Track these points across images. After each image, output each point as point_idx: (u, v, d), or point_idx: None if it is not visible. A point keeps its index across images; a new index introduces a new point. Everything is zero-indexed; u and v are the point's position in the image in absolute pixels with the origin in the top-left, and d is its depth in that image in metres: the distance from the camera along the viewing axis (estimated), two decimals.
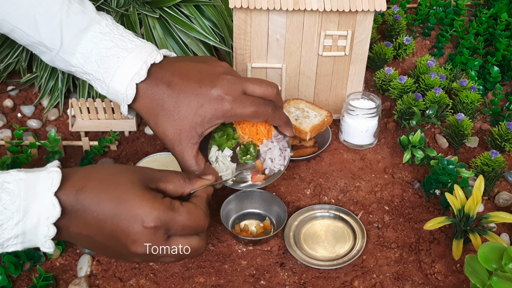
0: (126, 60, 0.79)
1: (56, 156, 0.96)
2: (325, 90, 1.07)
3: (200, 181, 0.77)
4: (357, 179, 0.99)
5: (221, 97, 0.78)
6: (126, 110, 0.81)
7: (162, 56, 0.81)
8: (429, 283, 0.83)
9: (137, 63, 0.79)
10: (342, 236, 0.90)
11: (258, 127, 0.87)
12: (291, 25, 0.98)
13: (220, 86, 0.79)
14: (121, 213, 0.66)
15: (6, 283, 0.80)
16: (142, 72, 0.79)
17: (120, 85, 0.79)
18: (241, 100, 0.79)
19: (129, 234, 0.66)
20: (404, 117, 1.07)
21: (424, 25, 1.32)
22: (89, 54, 0.80)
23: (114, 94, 0.81)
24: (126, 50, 0.80)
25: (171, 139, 0.80)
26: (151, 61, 0.80)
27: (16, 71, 1.18)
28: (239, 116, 0.80)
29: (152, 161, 0.98)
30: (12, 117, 1.13)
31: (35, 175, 0.66)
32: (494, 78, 1.15)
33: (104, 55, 0.80)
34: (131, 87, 0.79)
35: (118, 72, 0.79)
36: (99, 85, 0.82)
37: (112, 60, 0.79)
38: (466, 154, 1.05)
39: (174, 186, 0.73)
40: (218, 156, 0.86)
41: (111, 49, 0.80)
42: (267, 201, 0.92)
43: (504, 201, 0.95)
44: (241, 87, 0.80)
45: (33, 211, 0.64)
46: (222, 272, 0.84)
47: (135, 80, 0.79)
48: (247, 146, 0.87)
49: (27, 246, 0.67)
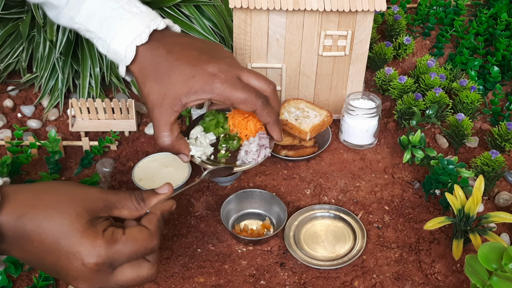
0: (129, 22, 0.79)
1: (56, 156, 0.95)
2: (325, 90, 1.07)
3: (155, 197, 0.71)
4: (357, 179, 0.99)
5: (214, 74, 0.78)
6: (124, 71, 0.81)
7: (165, 24, 0.81)
8: (429, 283, 0.83)
9: (140, 27, 0.79)
10: (342, 236, 0.90)
11: (248, 122, 0.86)
12: (291, 25, 0.98)
13: (217, 64, 0.78)
14: (61, 249, 0.62)
15: (6, 283, 0.80)
16: (144, 36, 0.79)
17: (120, 45, 0.79)
18: (233, 83, 0.78)
19: (69, 271, 0.63)
20: (404, 117, 1.07)
21: (424, 25, 1.32)
22: (93, 13, 0.80)
23: (114, 54, 0.81)
24: (131, 13, 0.80)
25: (153, 101, 0.79)
26: (153, 27, 0.79)
27: (16, 71, 1.18)
28: (226, 98, 0.78)
29: (152, 161, 0.98)
30: (12, 117, 1.13)
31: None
32: (494, 78, 1.15)
33: (109, 15, 0.80)
34: (131, 49, 0.79)
35: (120, 32, 0.79)
36: (100, 44, 0.82)
37: (115, 20, 0.79)
38: (466, 154, 1.05)
39: (129, 211, 0.69)
40: (200, 136, 0.86)
41: (116, 10, 0.80)
42: (267, 201, 0.92)
43: (504, 201, 0.95)
44: (238, 73, 0.80)
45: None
46: (222, 272, 0.84)
47: (136, 42, 0.78)
48: (232, 136, 0.87)
49: None
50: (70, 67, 1.11)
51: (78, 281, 0.63)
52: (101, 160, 1.02)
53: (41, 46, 1.10)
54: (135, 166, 0.97)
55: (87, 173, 1.00)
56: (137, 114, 1.10)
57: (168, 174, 0.95)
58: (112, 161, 1.02)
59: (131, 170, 0.98)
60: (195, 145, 0.85)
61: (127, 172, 1.00)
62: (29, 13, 1.11)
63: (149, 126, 1.09)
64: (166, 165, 0.97)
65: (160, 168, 0.97)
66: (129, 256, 0.64)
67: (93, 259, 0.62)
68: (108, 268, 0.63)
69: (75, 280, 0.63)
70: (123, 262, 0.64)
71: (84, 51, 1.11)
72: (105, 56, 1.10)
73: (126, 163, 1.02)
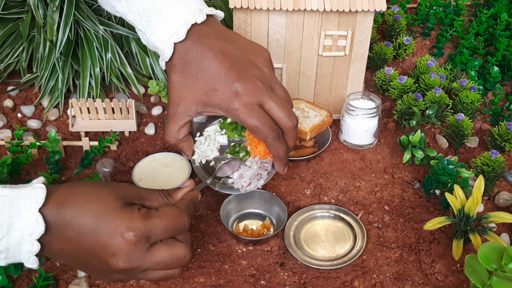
0: (167, 16, 0.79)
1: (56, 156, 0.95)
2: (325, 90, 1.07)
3: (180, 191, 0.76)
4: (357, 179, 0.99)
5: (237, 93, 0.77)
6: (164, 65, 0.82)
7: (205, 16, 0.80)
8: (429, 283, 0.83)
9: (178, 22, 0.78)
10: (342, 236, 0.90)
11: (260, 143, 0.87)
12: (291, 25, 0.98)
13: (244, 83, 0.78)
14: (100, 226, 0.65)
15: (6, 283, 0.80)
16: (181, 33, 0.78)
17: (159, 41, 0.80)
18: (252, 108, 0.78)
19: (109, 247, 0.65)
20: (404, 117, 1.07)
21: (424, 25, 1.32)
22: (133, 4, 0.80)
23: (154, 48, 0.82)
24: (169, 5, 0.79)
25: (172, 98, 0.80)
26: (192, 21, 0.78)
27: (16, 71, 1.18)
28: (240, 121, 0.79)
29: (152, 161, 0.98)
30: (12, 117, 1.13)
31: (20, 191, 0.65)
32: (494, 78, 1.15)
33: (147, 7, 0.79)
34: (168, 46, 0.79)
35: (159, 27, 0.79)
36: (141, 36, 0.83)
37: (154, 13, 0.79)
38: (466, 154, 1.05)
39: (158, 204, 0.73)
40: (210, 136, 0.86)
41: (154, 2, 0.79)
42: (267, 201, 0.92)
43: (504, 201, 0.95)
44: (262, 98, 0.78)
45: (17, 227, 0.64)
46: (222, 272, 0.84)
47: (173, 39, 0.78)
48: (242, 148, 0.87)
49: (11, 262, 0.66)
50: (70, 67, 1.11)
51: (117, 257, 0.65)
52: (101, 160, 1.02)
53: (41, 46, 1.10)
54: (135, 166, 0.97)
55: (87, 173, 1.00)
56: (137, 114, 1.10)
57: (168, 174, 0.95)
58: (112, 161, 1.02)
59: (131, 170, 0.98)
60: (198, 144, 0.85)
61: (127, 172, 1.00)
62: (29, 13, 1.11)
63: (149, 126, 1.09)
64: (166, 165, 0.97)
65: (160, 168, 0.97)
66: (164, 229, 0.67)
67: (132, 231, 0.65)
68: (145, 243, 0.66)
69: (114, 257, 0.65)
70: (158, 236, 0.67)
71: (84, 51, 1.11)
72: (105, 56, 1.11)
73: (126, 163, 1.02)
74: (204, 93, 0.78)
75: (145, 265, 0.67)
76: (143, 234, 0.66)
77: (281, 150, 0.82)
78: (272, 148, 0.82)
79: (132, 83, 1.15)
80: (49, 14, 1.05)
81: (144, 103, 1.16)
